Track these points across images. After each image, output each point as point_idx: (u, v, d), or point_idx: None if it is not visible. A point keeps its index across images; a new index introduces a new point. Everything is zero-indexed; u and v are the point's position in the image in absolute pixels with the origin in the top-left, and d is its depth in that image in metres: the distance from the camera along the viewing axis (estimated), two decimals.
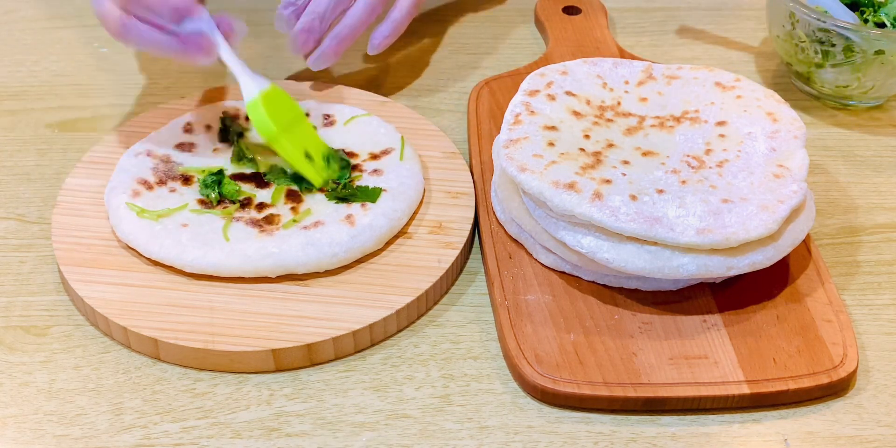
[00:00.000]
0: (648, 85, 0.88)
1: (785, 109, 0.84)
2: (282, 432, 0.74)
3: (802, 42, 0.97)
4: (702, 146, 0.82)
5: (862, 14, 0.97)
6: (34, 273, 0.85)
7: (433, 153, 0.92)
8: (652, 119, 0.85)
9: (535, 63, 1.03)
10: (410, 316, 0.81)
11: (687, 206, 0.76)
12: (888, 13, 0.96)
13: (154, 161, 0.88)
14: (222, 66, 0.96)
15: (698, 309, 0.80)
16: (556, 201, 0.77)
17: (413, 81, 1.05)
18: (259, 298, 0.80)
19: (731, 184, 0.78)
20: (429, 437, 0.74)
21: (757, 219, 0.76)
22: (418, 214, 0.86)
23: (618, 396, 0.74)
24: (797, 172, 0.80)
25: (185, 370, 0.78)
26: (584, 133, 0.83)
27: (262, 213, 0.84)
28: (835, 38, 0.94)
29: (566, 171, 0.79)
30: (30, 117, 1.00)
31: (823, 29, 0.94)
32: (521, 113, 0.84)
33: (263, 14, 1.13)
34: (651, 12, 1.15)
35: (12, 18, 1.13)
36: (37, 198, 0.91)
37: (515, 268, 0.83)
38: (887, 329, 0.81)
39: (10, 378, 0.77)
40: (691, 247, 0.75)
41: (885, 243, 0.88)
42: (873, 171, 0.95)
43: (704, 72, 0.89)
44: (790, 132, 0.82)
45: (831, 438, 0.74)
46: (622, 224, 0.75)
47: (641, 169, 0.80)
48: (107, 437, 0.73)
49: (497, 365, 0.78)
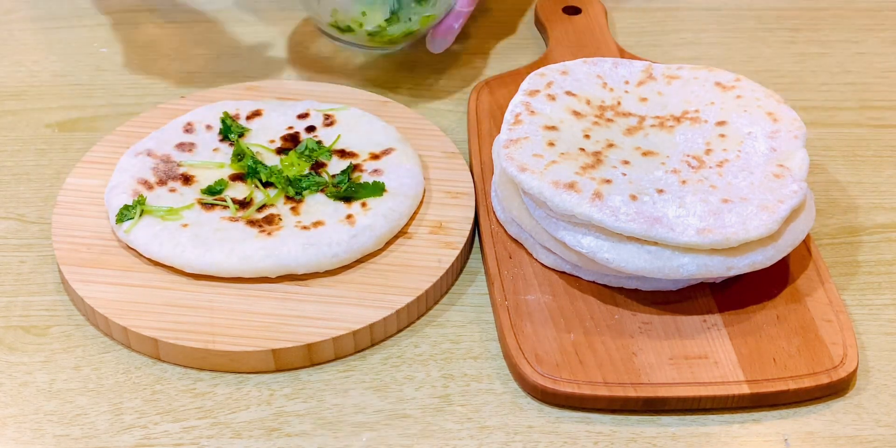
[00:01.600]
0: (648, 85, 0.88)
1: (785, 109, 0.84)
2: (282, 432, 0.74)
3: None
4: (702, 146, 0.82)
5: None
6: (34, 273, 0.85)
7: (433, 153, 0.92)
8: (652, 119, 0.85)
9: (535, 63, 1.03)
10: (410, 316, 0.81)
11: (687, 206, 0.76)
12: None
13: (154, 161, 0.88)
14: (224, 65, 0.96)
15: (698, 309, 0.80)
16: (556, 201, 0.77)
17: (413, 81, 1.05)
18: (259, 298, 0.80)
19: (731, 184, 0.78)
20: (429, 437, 0.74)
21: (757, 219, 0.76)
22: (418, 214, 0.86)
23: (618, 396, 0.74)
24: (797, 172, 0.80)
25: (185, 370, 0.78)
26: (585, 133, 0.83)
27: (261, 213, 0.84)
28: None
29: (566, 170, 0.79)
30: (30, 117, 1.00)
31: None
32: (521, 113, 0.84)
33: (263, 14, 1.14)
34: (651, 12, 1.15)
35: (12, 18, 1.13)
36: (37, 198, 0.91)
37: (515, 268, 0.83)
38: (887, 329, 0.81)
39: (10, 378, 0.77)
40: (691, 247, 0.75)
41: (885, 243, 0.88)
42: (873, 171, 0.95)
43: (704, 72, 0.89)
44: (790, 132, 0.82)
45: (831, 438, 0.74)
46: (622, 224, 0.75)
47: (641, 169, 0.80)
48: (107, 437, 0.73)
49: (497, 365, 0.78)
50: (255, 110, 0.93)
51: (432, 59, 1.06)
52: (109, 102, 1.01)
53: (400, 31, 0.99)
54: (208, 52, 1.08)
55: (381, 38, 1.00)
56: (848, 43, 1.11)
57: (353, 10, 0.97)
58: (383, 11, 0.97)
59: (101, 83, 1.04)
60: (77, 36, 1.10)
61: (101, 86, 1.03)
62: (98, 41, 1.09)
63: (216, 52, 1.08)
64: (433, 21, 1.00)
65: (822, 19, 1.14)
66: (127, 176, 0.86)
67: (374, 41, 1.01)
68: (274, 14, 1.13)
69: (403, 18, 0.98)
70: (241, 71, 1.05)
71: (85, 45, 1.09)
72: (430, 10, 0.98)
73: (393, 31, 0.99)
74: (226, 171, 0.88)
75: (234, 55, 1.08)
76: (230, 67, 1.06)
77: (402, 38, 1.01)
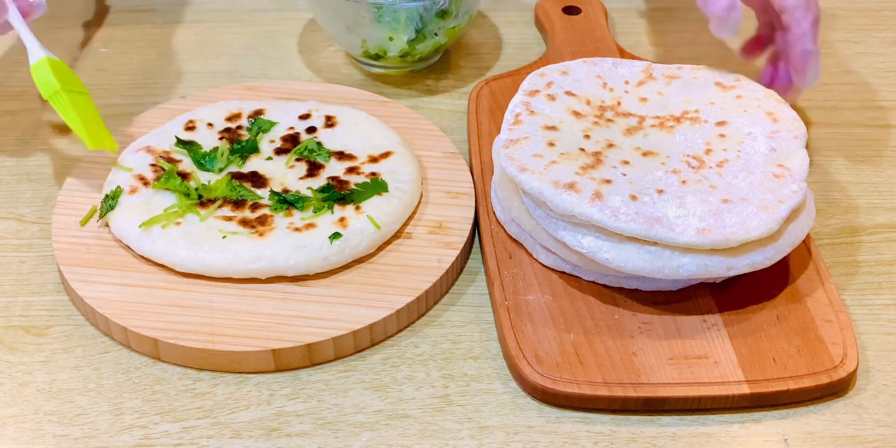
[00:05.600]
0: (648, 85, 0.88)
1: (785, 109, 0.84)
2: (282, 432, 0.74)
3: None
4: (702, 146, 0.82)
5: None
6: (34, 273, 0.85)
7: (433, 153, 0.92)
8: (652, 119, 0.85)
9: (535, 63, 1.03)
10: (410, 316, 0.81)
11: (687, 206, 0.76)
12: None
13: (153, 157, 0.88)
14: (224, 65, 0.96)
15: (698, 309, 0.80)
16: (556, 201, 0.77)
17: (413, 81, 1.05)
18: (259, 298, 0.80)
19: (731, 184, 0.78)
20: (429, 437, 0.74)
21: (757, 219, 0.76)
22: (418, 214, 0.86)
23: (618, 396, 0.74)
24: (797, 172, 0.80)
25: (185, 370, 0.78)
26: (585, 133, 0.83)
27: (255, 213, 0.84)
28: None
29: (566, 170, 0.79)
30: (30, 117, 1.00)
31: None
32: (521, 113, 0.84)
33: (263, 14, 1.14)
34: (651, 12, 1.15)
35: None
36: (37, 198, 0.91)
37: (515, 268, 0.83)
38: (887, 329, 0.81)
39: (10, 378, 0.77)
40: (691, 247, 0.75)
41: (885, 243, 0.88)
42: (873, 171, 0.95)
43: (704, 71, 0.89)
44: (790, 132, 0.82)
45: (831, 438, 0.74)
46: (622, 224, 0.75)
47: (641, 169, 0.80)
48: (107, 437, 0.73)
49: (497, 365, 0.78)
50: (258, 109, 0.93)
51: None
52: (109, 102, 1.01)
53: (428, 47, 1.01)
54: (209, 52, 1.08)
55: (413, 57, 1.01)
56: (848, 43, 1.11)
57: (380, 37, 0.99)
58: (408, 33, 0.98)
59: (101, 83, 1.04)
60: (77, 36, 1.10)
61: (101, 86, 1.03)
62: (98, 41, 1.09)
63: (216, 52, 1.08)
64: (459, 32, 1.01)
65: (822, 19, 1.14)
66: (125, 172, 0.86)
67: (407, 61, 1.02)
68: (274, 14, 1.14)
69: (429, 35, 0.99)
70: (241, 71, 1.05)
71: (85, 45, 1.09)
72: (453, 23, 0.99)
73: (422, 49, 1.00)
74: (220, 153, 0.88)
75: (234, 55, 1.08)
76: (230, 67, 1.06)
77: (433, 53, 1.03)
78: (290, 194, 0.84)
